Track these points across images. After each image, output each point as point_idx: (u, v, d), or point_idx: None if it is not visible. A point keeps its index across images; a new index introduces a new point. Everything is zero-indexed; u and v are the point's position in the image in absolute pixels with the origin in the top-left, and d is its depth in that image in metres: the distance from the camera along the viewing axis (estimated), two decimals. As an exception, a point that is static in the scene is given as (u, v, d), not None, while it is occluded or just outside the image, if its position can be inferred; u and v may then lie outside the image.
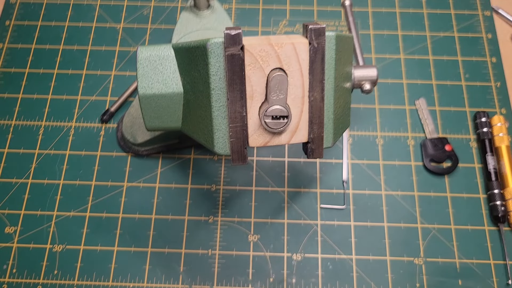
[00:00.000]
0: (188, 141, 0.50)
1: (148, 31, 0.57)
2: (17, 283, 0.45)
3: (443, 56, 0.56)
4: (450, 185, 0.50)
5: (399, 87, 0.55)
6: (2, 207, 0.48)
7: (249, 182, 0.49)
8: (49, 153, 0.51)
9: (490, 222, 0.48)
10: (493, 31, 0.58)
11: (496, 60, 0.56)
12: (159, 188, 0.49)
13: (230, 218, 0.48)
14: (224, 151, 0.34)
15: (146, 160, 0.50)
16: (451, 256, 0.47)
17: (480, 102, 0.54)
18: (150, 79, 0.36)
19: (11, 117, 0.52)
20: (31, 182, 0.49)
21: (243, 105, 0.32)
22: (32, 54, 0.56)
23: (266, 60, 0.31)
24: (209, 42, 0.31)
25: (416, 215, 0.48)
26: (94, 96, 0.54)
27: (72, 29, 0.57)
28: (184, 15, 0.49)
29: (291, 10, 0.59)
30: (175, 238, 0.47)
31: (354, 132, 0.52)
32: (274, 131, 0.33)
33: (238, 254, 0.46)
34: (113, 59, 0.56)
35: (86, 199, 0.49)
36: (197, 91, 0.34)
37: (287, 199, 0.49)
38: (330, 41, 0.33)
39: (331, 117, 0.35)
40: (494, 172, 0.49)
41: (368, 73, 0.39)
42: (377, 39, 0.57)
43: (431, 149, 0.51)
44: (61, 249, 0.46)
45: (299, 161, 0.51)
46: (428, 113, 0.53)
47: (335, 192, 0.49)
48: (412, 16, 0.59)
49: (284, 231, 0.47)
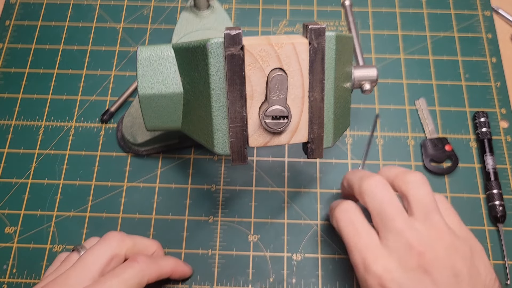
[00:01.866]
0: (188, 141, 0.50)
1: (148, 31, 0.57)
2: (17, 283, 0.45)
3: (443, 56, 0.56)
4: (450, 185, 0.50)
5: (399, 87, 0.55)
6: (2, 207, 0.48)
7: (249, 182, 0.49)
8: (49, 153, 0.51)
9: (490, 222, 0.48)
10: (493, 31, 0.58)
11: (496, 60, 0.56)
12: (159, 188, 0.49)
13: (230, 218, 0.48)
14: (224, 151, 0.34)
15: (146, 160, 0.50)
16: (451, 256, 0.47)
17: (480, 102, 0.54)
18: (150, 79, 0.36)
19: (11, 117, 0.52)
20: (31, 182, 0.49)
21: (243, 105, 0.32)
22: (32, 54, 0.56)
23: (266, 60, 0.31)
24: (209, 42, 0.31)
25: (416, 215, 0.48)
26: (94, 96, 0.54)
27: (72, 29, 0.57)
28: (184, 15, 0.49)
29: (291, 10, 0.59)
30: (175, 238, 0.47)
31: (354, 132, 0.52)
32: (274, 131, 0.33)
33: (238, 254, 0.46)
34: (113, 59, 0.56)
35: (86, 199, 0.49)
36: (197, 91, 0.34)
37: (287, 199, 0.49)
38: (330, 41, 0.33)
39: (331, 117, 0.35)
40: (493, 172, 0.49)
41: (368, 73, 0.39)
42: (377, 39, 0.57)
43: (431, 149, 0.51)
44: (61, 249, 0.46)
45: (299, 161, 0.51)
46: (428, 113, 0.53)
47: (335, 192, 0.49)
48: (412, 16, 0.59)
49: (284, 231, 0.47)
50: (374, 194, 0.36)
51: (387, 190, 0.36)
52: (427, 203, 0.35)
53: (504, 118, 0.53)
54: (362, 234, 0.35)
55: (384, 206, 0.35)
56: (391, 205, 0.35)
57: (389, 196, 0.35)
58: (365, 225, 0.36)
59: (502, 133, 0.52)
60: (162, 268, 0.39)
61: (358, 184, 0.38)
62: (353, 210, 0.37)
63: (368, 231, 0.36)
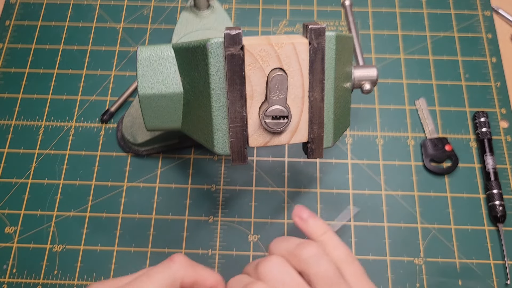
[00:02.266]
0: (188, 141, 0.50)
1: (148, 31, 0.57)
2: (17, 283, 0.45)
3: (443, 56, 0.56)
4: (450, 185, 0.50)
5: (399, 87, 0.55)
6: (2, 207, 0.48)
7: (249, 182, 0.49)
8: (49, 153, 0.51)
9: (490, 222, 0.48)
10: (493, 31, 0.58)
11: (496, 60, 0.56)
12: (159, 188, 0.49)
13: (230, 218, 0.48)
14: (224, 151, 0.34)
15: (146, 160, 0.50)
16: (451, 256, 0.47)
17: (480, 102, 0.54)
18: (150, 79, 0.36)
19: (11, 117, 0.52)
20: (31, 182, 0.49)
21: (243, 105, 0.32)
22: (32, 54, 0.56)
23: (266, 60, 0.31)
24: (209, 42, 0.31)
25: (416, 215, 0.48)
26: (94, 96, 0.54)
27: (72, 29, 0.57)
28: (184, 15, 0.49)
29: (291, 10, 0.59)
30: (175, 238, 0.47)
31: (354, 132, 0.52)
32: (274, 131, 0.33)
33: (238, 254, 0.46)
34: (113, 59, 0.56)
35: (86, 199, 0.49)
36: (197, 91, 0.34)
37: (287, 199, 0.49)
38: (330, 41, 0.33)
39: (331, 117, 0.35)
40: (493, 172, 0.49)
41: (368, 73, 0.39)
42: (377, 39, 0.57)
43: (431, 149, 0.51)
44: (61, 249, 0.46)
45: (299, 161, 0.51)
46: (428, 113, 0.53)
47: (335, 192, 0.49)
48: (412, 16, 0.59)
49: (284, 231, 0.47)
50: (274, 277, 0.32)
51: (287, 270, 0.33)
52: (329, 278, 0.32)
53: (504, 118, 0.53)
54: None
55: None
56: (295, 286, 0.32)
57: (291, 277, 0.32)
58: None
59: (502, 133, 0.52)
60: (200, 276, 0.35)
61: (253, 269, 0.34)
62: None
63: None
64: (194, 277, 0.35)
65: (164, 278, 0.33)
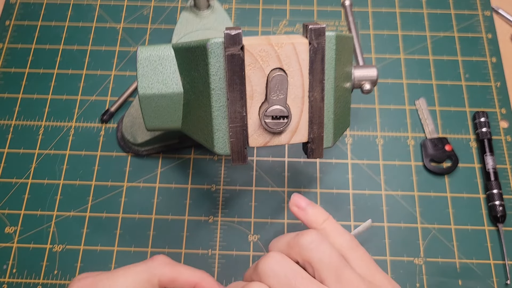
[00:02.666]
0: (188, 141, 0.50)
1: (148, 31, 0.57)
2: (17, 283, 0.45)
3: (443, 56, 0.56)
4: (450, 185, 0.50)
5: (399, 87, 0.55)
6: (2, 207, 0.48)
7: (249, 182, 0.49)
8: (49, 153, 0.51)
9: (490, 222, 0.48)
10: (493, 31, 0.58)
11: (496, 60, 0.56)
12: (159, 188, 0.49)
13: (230, 218, 0.48)
14: (224, 151, 0.34)
15: (146, 160, 0.50)
16: (451, 256, 0.47)
17: (480, 102, 0.54)
18: (150, 79, 0.36)
19: (11, 117, 0.52)
20: (31, 182, 0.49)
21: (243, 105, 0.32)
22: (32, 54, 0.56)
23: (266, 60, 0.31)
24: (209, 42, 0.31)
25: (416, 215, 0.48)
26: (94, 96, 0.54)
27: (72, 29, 0.57)
28: (184, 15, 0.49)
29: (291, 10, 0.59)
30: (175, 238, 0.47)
31: (354, 132, 0.52)
32: (274, 131, 0.33)
33: (238, 254, 0.46)
34: (113, 59, 0.56)
35: (86, 199, 0.49)
36: (197, 91, 0.34)
37: (287, 199, 0.49)
38: (330, 41, 0.33)
39: (331, 117, 0.35)
40: (493, 172, 0.49)
41: (368, 73, 0.39)
42: (377, 39, 0.57)
43: (431, 149, 0.51)
44: (61, 249, 0.46)
45: (299, 161, 0.51)
46: (428, 113, 0.53)
47: (335, 192, 0.49)
48: (412, 16, 0.59)
49: (284, 231, 0.47)
50: (275, 272, 0.31)
51: (288, 263, 0.31)
52: (333, 262, 0.31)
53: (504, 118, 0.53)
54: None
55: (291, 282, 0.30)
56: (299, 279, 0.30)
57: (293, 269, 0.31)
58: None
59: (502, 133, 0.52)
60: (180, 274, 0.35)
61: (253, 270, 0.33)
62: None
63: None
64: (172, 275, 0.35)
65: (141, 272, 0.34)
